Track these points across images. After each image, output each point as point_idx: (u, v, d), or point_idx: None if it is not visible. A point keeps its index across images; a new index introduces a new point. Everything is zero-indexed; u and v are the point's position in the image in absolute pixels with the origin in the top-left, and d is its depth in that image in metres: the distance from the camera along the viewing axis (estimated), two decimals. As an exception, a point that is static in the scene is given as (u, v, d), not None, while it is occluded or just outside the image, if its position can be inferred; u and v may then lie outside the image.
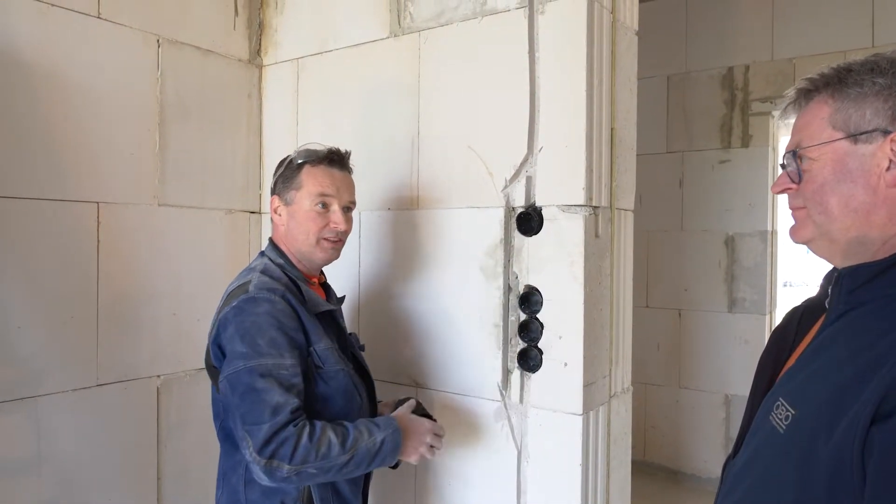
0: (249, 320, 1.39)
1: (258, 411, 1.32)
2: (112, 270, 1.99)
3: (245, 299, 1.43)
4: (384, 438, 1.43)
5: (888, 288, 0.83)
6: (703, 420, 4.28)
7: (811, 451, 0.78)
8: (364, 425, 1.44)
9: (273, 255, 1.58)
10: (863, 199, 0.84)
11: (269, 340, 1.38)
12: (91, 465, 1.94)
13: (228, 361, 1.39)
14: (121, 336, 2.01)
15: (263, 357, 1.36)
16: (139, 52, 2.05)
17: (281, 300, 1.44)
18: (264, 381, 1.34)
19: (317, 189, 1.55)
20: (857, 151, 0.85)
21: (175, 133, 2.16)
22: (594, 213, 1.75)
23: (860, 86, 0.85)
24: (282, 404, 1.33)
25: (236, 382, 1.36)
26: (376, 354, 2.12)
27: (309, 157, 1.57)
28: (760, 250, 4.10)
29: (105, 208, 1.97)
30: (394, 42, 2.08)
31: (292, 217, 1.56)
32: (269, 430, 1.30)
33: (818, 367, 0.86)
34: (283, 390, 1.35)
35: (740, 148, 4.13)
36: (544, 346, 1.77)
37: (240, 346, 1.38)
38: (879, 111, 0.83)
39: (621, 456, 1.94)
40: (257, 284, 1.45)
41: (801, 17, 3.94)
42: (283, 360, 1.38)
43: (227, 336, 1.41)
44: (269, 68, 2.42)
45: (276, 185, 1.60)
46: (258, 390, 1.33)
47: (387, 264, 2.10)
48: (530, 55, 1.79)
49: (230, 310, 1.43)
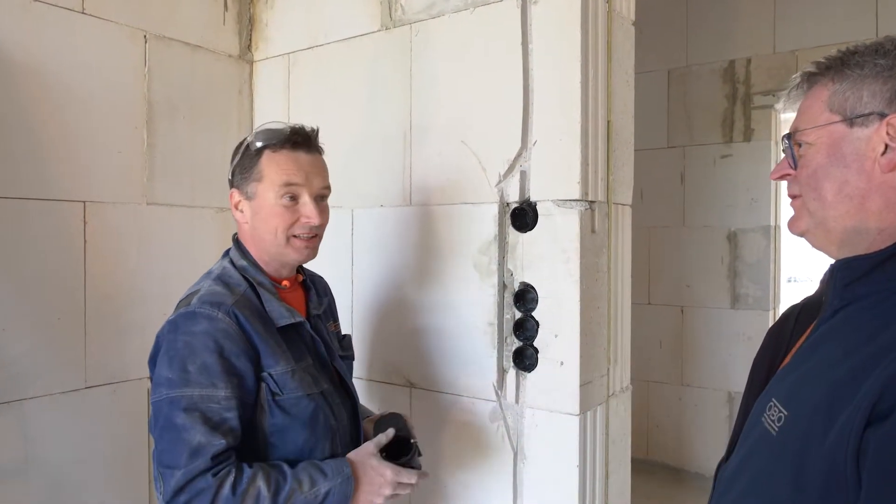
0: (182, 340, 1.21)
1: (175, 452, 1.14)
2: (99, 271, 1.95)
3: (183, 314, 1.24)
4: (329, 490, 1.21)
5: (886, 282, 0.79)
6: (707, 418, 4.23)
7: (804, 454, 0.74)
8: (307, 472, 1.22)
9: (236, 256, 1.38)
10: (857, 184, 0.81)
11: (200, 366, 1.19)
12: (80, 469, 1.91)
13: (154, 385, 1.22)
14: (109, 337, 1.98)
15: (190, 386, 1.17)
16: (125, 48, 2.01)
17: (225, 317, 1.23)
18: (187, 416, 1.15)
19: (281, 178, 1.31)
20: (853, 135, 0.81)
21: (163, 130, 2.12)
22: (590, 207, 1.71)
23: (861, 67, 0.81)
24: (203, 446, 1.14)
25: (157, 413, 1.20)
26: (370, 354, 2.08)
27: (268, 139, 1.32)
28: (763, 246, 4.04)
29: (92, 207, 1.93)
30: (385, 35, 2.03)
31: (256, 213, 1.34)
32: (184, 477, 1.12)
33: (812, 367, 0.82)
34: (208, 429, 1.16)
35: (742, 142, 4.08)
36: (540, 344, 1.73)
37: (166, 369, 1.20)
38: (877, 93, 0.80)
39: (621, 457, 1.89)
40: (202, 296, 1.26)
41: (803, 9, 3.88)
42: (214, 392, 1.18)
43: (159, 355, 1.24)
44: (260, 64, 2.38)
45: (234, 175, 1.37)
46: (178, 427, 1.15)
47: (380, 262, 2.06)
48: (523, 46, 1.75)
49: (165, 325, 1.25)
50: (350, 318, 2.12)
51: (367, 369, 2.08)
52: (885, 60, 0.80)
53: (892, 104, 0.79)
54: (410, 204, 1.98)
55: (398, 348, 2.01)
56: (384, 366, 2.04)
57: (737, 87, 4.12)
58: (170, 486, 1.13)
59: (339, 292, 2.12)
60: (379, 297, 2.07)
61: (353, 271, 2.12)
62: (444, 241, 1.91)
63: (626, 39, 1.87)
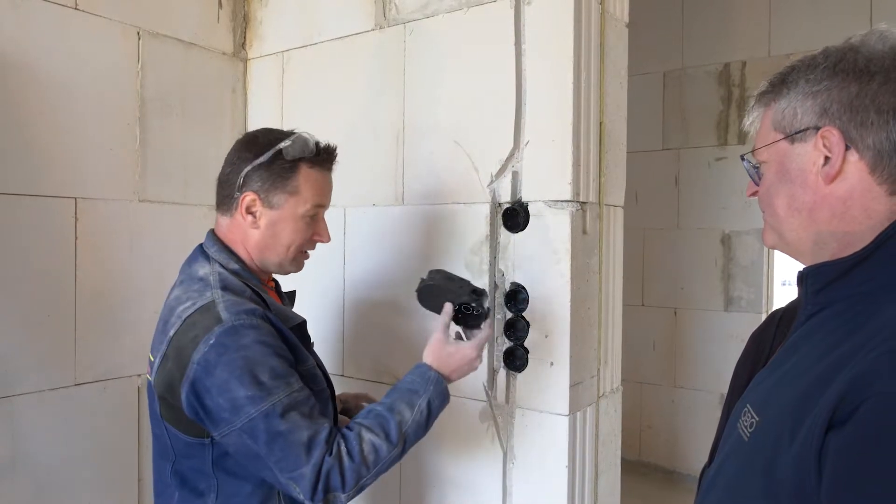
0: (240, 356, 1.17)
1: (293, 456, 1.16)
2: (90, 267, 1.94)
3: (224, 332, 1.18)
4: (429, 401, 1.28)
5: (854, 286, 0.79)
6: (699, 420, 4.24)
7: (774, 461, 0.74)
8: (401, 399, 1.27)
9: (223, 258, 1.31)
10: (803, 198, 0.83)
11: (270, 373, 1.18)
12: (68, 468, 1.90)
13: (234, 410, 1.16)
14: (100, 334, 1.97)
15: (273, 394, 1.17)
16: (118, 45, 2.01)
17: (263, 322, 1.22)
18: (285, 420, 1.16)
19: (316, 199, 1.31)
20: (794, 151, 0.84)
21: (156, 127, 2.11)
22: (581, 208, 1.71)
23: (796, 84, 0.84)
24: (312, 437, 1.18)
25: (255, 431, 1.16)
26: (360, 352, 2.08)
27: (304, 153, 1.29)
28: (757, 248, 4.06)
29: (83, 204, 1.92)
30: (379, 34, 2.03)
31: (275, 224, 1.30)
32: (312, 472, 1.16)
33: (784, 373, 0.83)
34: (308, 421, 1.19)
35: (737, 145, 4.10)
36: (530, 345, 1.73)
37: (241, 390, 1.16)
38: (808, 109, 0.82)
39: (610, 458, 1.89)
40: (228, 308, 1.21)
41: (798, 13, 3.90)
42: (292, 388, 1.20)
43: (218, 381, 1.17)
44: (254, 62, 2.38)
45: (253, 179, 1.28)
46: (283, 433, 1.16)
47: (371, 261, 2.06)
48: (516, 47, 1.75)
49: (209, 349, 1.17)
50: (341, 317, 2.12)
51: (358, 368, 2.08)
52: (813, 75, 0.82)
53: (823, 117, 0.80)
54: (403, 203, 1.98)
55: (389, 348, 2.01)
56: (374, 365, 2.04)
57: (732, 90, 4.13)
58: (305, 486, 1.16)
59: (330, 291, 2.13)
60: (370, 296, 2.06)
61: (345, 270, 2.11)
62: (436, 241, 1.91)
63: (620, 41, 1.88)
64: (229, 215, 1.33)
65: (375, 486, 2.00)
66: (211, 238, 1.36)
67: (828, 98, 0.80)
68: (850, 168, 0.79)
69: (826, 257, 0.83)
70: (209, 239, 1.36)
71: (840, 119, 0.79)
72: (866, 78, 0.78)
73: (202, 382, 1.18)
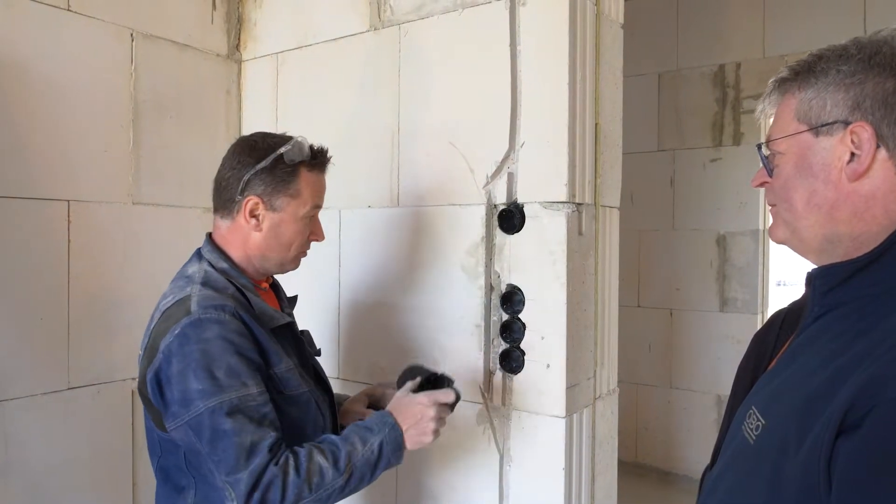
0: (199, 349, 1.18)
1: (232, 458, 1.14)
2: (84, 270, 1.93)
3: (189, 324, 1.20)
4: (381, 442, 1.26)
5: (864, 289, 0.78)
6: (695, 421, 4.24)
7: (780, 465, 0.73)
8: (355, 434, 1.26)
9: (213, 258, 1.34)
10: (824, 194, 0.80)
11: (226, 370, 1.18)
12: (62, 472, 1.88)
13: (184, 403, 1.18)
14: (93, 338, 1.96)
15: (225, 391, 1.17)
16: (111, 47, 2.00)
17: (232, 318, 1.22)
18: (231, 420, 1.15)
19: (314, 200, 1.36)
20: (819, 144, 0.81)
21: (150, 130, 2.10)
22: (577, 210, 1.70)
23: (825, 74, 0.80)
24: (257, 443, 1.16)
25: (199, 427, 1.17)
26: (356, 355, 2.07)
27: (303, 156, 1.33)
28: (752, 249, 4.06)
29: (76, 206, 1.91)
30: (374, 35, 2.03)
31: (277, 226, 1.34)
32: (250, 478, 1.13)
33: (790, 375, 0.81)
34: (255, 426, 1.17)
35: (732, 146, 4.10)
36: (526, 347, 1.72)
37: (194, 382, 1.17)
38: (840, 101, 0.79)
39: (607, 459, 1.89)
40: (200, 301, 1.23)
41: (793, 14, 3.91)
42: (247, 391, 1.19)
43: (175, 371, 1.19)
44: (248, 63, 2.37)
45: (256, 183, 1.31)
46: (227, 433, 1.15)
47: (367, 263, 2.05)
48: (511, 48, 1.75)
49: (173, 339, 1.20)
50: (336, 320, 2.11)
51: (354, 371, 2.07)
52: (847, 66, 0.79)
53: (855, 112, 0.78)
54: (398, 205, 1.98)
55: (384, 350, 2.00)
56: (370, 367, 2.03)
57: (727, 92, 4.13)
58: (241, 491, 1.14)
59: (325, 293, 2.12)
60: (365, 299, 2.06)
61: (340, 272, 2.11)
62: (431, 243, 1.91)
63: (615, 42, 1.87)
64: (230, 218, 1.36)
65: (371, 491, 2.00)
66: (206, 240, 1.40)
67: (861, 92, 0.77)
68: (877, 166, 0.77)
69: (836, 257, 0.82)
70: (205, 241, 1.40)
71: (873, 115, 0.77)
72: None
73: (164, 372, 1.20)
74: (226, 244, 1.37)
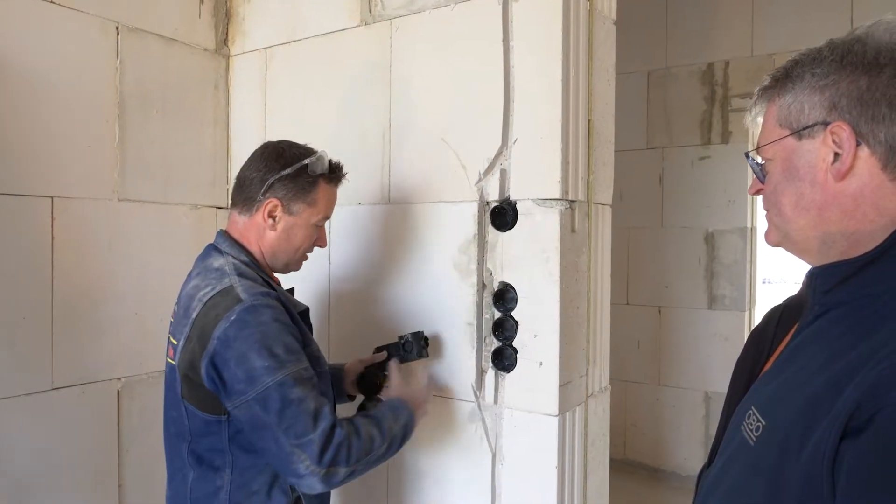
0: (258, 331, 1.30)
1: (302, 423, 1.26)
2: (68, 268, 1.89)
3: (244, 310, 1.31)
4: (406, 422, 1.45)
5: (864, 288, 0.77)
6: (683, 418, 4.26)
7: (782, 467, 0.72)
8: (389, 410, 1.44)
9: (235, 252, 1.45)
10: (811, 196, 0.80)
11: (285, 347, 1.31)
12: (46, 474, 1.85)
13: (249, 381, 1.28)
14: (78, 337, 1.92)
15: (287, 366, 1.29)
16: (96, 40, 1.96)
17: (278, 303, 1.36)
18: (297, 389, 1.28)
19: (326, 211, 1.51)
20: (803, 147, 0.81)
21: (136, 125, 2.06)
22: (570, 207, 1.69)
23: (801, 78, 0.81)
24: (320, 408, 1.29)
25: (268, 400, 1.27)
26: (347, 353, 2.05)
27: (325, 170, 1.48)
28: (740, 247, 4.08)
29: (60, 203, 1.87)
30: (364, 30, 2.00)
31: (290, 228, 1.47)
32: (321, 438, 1.26)
33: (791, 375, 0.80)
34: (316, 393, 1.31)
35: (720, 144, 4.11)
36: (519, 345, 1.71)
37: (258, 360, 1.28)
38: (816, 104, 0.79)
39: (599, 457, 1.88)
40: (247, 290, 1.34)
41: (781, 13, 3.92)
42: (303, 364, 1.33)
43: (235, 354, 1.29)
44: (237, 58, 2.33)
45: (279, 187, 1.45)
46: (294, 401, 1.27)
47: (357, 261, 2.03)
48: (504, 44, 1.73)
49: (230, 325, 1.30)
50: (327, 317, 2.09)
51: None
52: (820, 69, 0.79)
53: (832, 112, 0.78)
54: (389, 202, 1.96)
55: (374, 347, 1.98)
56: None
57: (715, 90, 4.15)
58: (313, 451, 1.25)
59: (316, 291, 2.09)
60: (356, 296, 2.03)
61: (331, 270, 2.08)
62: (422, 240, 1.89)
63: (608, 38, 1.86)
64: (248, 215, 1.48)
65: (363, 488, 1.98)
66: (222, 236, 1.50)
67: (836, 92, 0.78)
68: (861, 164, 0.77)
69: (834, 256, 0.81)
70: (220, 237, 1.50)
71: (850, 114, 0.77)
72: (876, 71, 0.76)
73: (221, 356, 1.29)
74: (242, 239, 1.48)
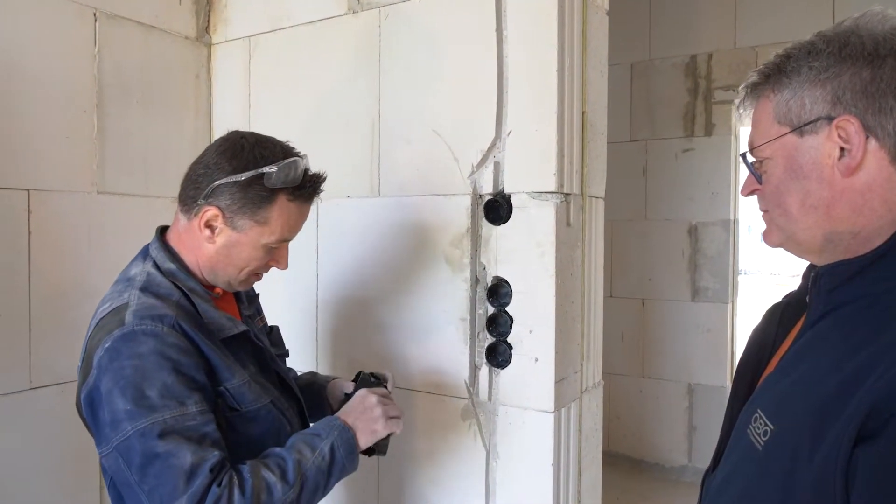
0: (131, 365, 1.05)
1: (168, 483, 1.00)
2: (46, 263, 1.82)
3: (120, 336, 1.07)
4: (332, 445, 1.16)
5: (870, 286, 0.76)
6: (667, 409, 4.29)
7: (792, 472, 0.71)
8: (302, 441, 1.16)
9: (160, 257, 1.21)
10: (819, 194, 0.78)
11: (160, 389, 1.04)
12: (24, 476, 1.78)
13: (112, 425, 1.04)
14: (57, 335, 1.85)
15: (157, 411, 1.03)
16: (73, 27, 1.88)
17: (171, 331, 1.09)
18: (166, 441, 1.02)
19: (284, 234, 1.21)
20: (806, 144, 0.79)
21: (115, 115, 1.99)
22: (566, 200, 1.67)
23: (798, 73, 0.79)
24: (197, 464, 1.02)
25: (129, 452, 1.03)
26: (336, 351, 2.01)
27: (288, 182, 1.17)
28: (723, 239, 4.10)
29: (36, 196, 1.80)
30: (352, 19, 1.95)
31: (231, 246, 1.20)
32: (190, 501, 1.00)
33: (799, 377, 0.78)
34: (195, 445, 1.03)
35: (703, 136, 4.13)
36: (514, 340, 1.69)
37: (121, 402, 1.03)
38: (818, 98, 0.77)
39: (593, 453, 1.87)
40: (137, 311, 1.10)
41: (763, 5, 3.94)
42: (185, 410, 1.05)
43: (105, 390, 1.05)
44: (219, 47, 2.27)
45: (223, 194, 1.16)
46: (161, 456, 1.01)
47: (346, 256, 1.99)
48: (498, 33, 1.69)
49: (104, 354, 1.07)
50: (315, 315, 2.04)
51: (332, 368, 2.00)
52: (818, 62, 0.77)
53: (837, 106, 0.76)
54: (379, 195, 1.91)
55: (365, 345, 1.94)
56: (350, 364, 1.97)
57: (698, 82, 4.16)
58: None
59: (303, 288, 2.05)
60: (345, 293, 1.99)
61: (318, 266, 2.03)
62: (414, 234, 1.85)
63: (601, 28, 1.84)
64: (188, 218, 1.22)
65: (353, 490, 1.95)
66: (156, 236, 1.27)
67: (839, 85, 0.75)
68: (869, 158, 0.75)
69: (839, 255, 0.79)
70: (154, 237, 1.27)
71: (856, 106, 0.75)
72: (878, 62, 0.74)
73: (97, 391, 1.07)
74: (179, 243, 1.24)
